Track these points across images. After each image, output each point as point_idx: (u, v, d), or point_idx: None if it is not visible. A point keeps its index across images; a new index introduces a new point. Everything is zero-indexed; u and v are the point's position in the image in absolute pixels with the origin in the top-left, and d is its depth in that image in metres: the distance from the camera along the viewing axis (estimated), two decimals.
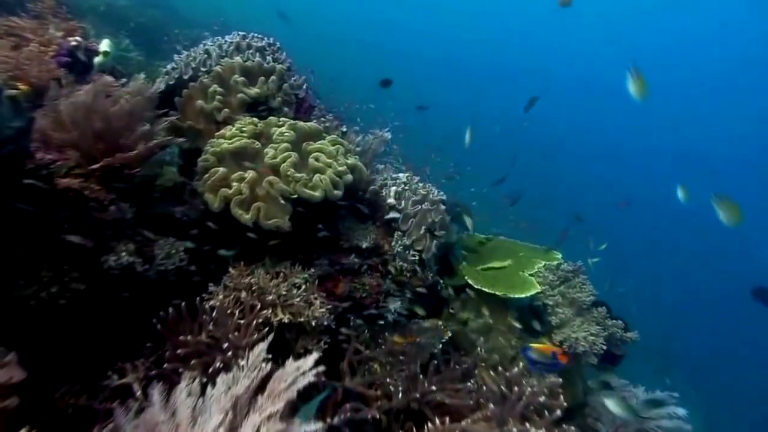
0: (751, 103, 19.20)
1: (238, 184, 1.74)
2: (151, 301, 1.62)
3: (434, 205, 2.42)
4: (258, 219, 1.73)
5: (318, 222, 2.02)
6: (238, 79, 2.14)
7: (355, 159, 2.07)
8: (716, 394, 7.32)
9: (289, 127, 2.01)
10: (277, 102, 2.28)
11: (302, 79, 2.55)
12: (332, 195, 1.84)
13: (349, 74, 5.12)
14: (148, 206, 1.84)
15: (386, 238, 2.27)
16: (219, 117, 2.10)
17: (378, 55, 19.93)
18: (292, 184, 1.78)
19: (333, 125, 2.63)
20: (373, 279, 2.22)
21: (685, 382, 6.49)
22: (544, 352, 1.96)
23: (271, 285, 1.66)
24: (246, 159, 1.89)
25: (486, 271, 2.72)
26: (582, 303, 2.43)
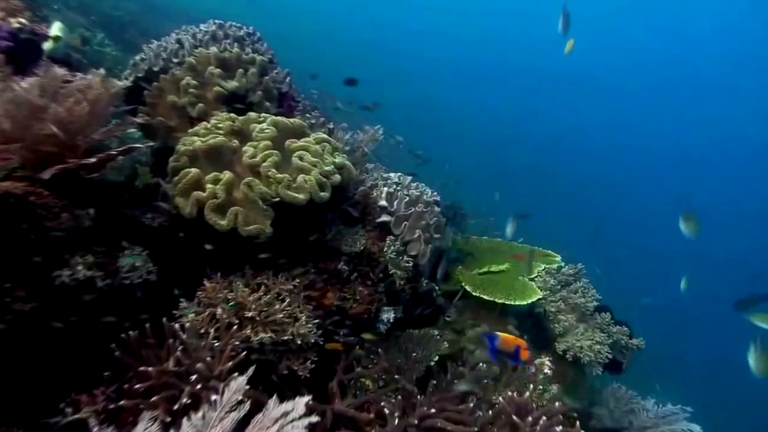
0: (750, 102, 19.35)
1: (212, 187, 1.56)
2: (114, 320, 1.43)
3: (428, 207, 2.27)
4: (236, 225, 1.55)
5: (303, 227, 1.85)
6: (214, 71, 1.95)
7: (343, 158, 1.90)
8: (712, 399, 7.32)
9: (271, 123, 1.83)
10: (257, 96, 2.10)
11: (285, 72, 2.38)
12: (318, 197, 1.67)
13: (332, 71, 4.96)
14: (113, 212, 1.66)
15: (378, 242, 2.10)
16: (193, 112, 1.91)
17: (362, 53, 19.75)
18: (273, 186, 1.61)
19: (319, 122, 2.46)
20: (364, 288, 2.06)
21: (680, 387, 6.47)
22: (509, 342, 1.76)
23: (251, 299, 1.49)
24: (222, 159, 1.71)
25: (483, 276, 2.57)
26: (585, 309, 2.30)
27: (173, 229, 1.69)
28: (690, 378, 7.16)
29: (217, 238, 1.62)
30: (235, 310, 1.47)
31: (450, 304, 2.54)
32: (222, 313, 1.42)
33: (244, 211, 1.57)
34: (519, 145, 18.17)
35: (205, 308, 1.47)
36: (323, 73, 4.92)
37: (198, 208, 1.54)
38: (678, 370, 8.16)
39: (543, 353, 2.30)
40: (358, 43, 20.94)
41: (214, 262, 1.69)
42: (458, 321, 2.45)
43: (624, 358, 2.31)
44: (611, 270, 3.36)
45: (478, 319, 2.43)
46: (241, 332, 1.40)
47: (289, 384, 1.60)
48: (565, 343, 2.19)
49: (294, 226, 1.82)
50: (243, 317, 1.45)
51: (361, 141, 2.39)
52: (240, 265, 1.71)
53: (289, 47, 4.87)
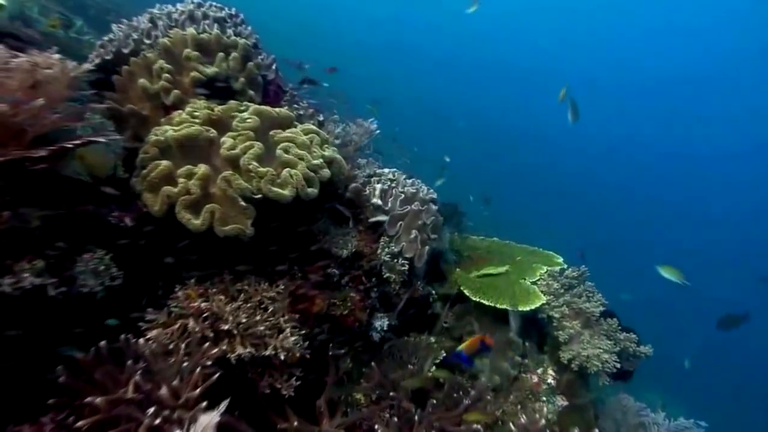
0: (750, 99, 19.40)
1: (185, 181, 1.38)
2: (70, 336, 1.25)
3: (425, 205, 2.11)
4: (212, 225, 1.38)
5: (289, 227, 1.67)
6: (191, 54, 1.76)
7: (333, 151, 1.73)
8: (706, 399, 7.30)
9: (253, 112, 1.66)
10: (239, 83, 1.91)
11: (271, 58, 2.19)
12: (305, 194, 1.50)
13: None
14: (75, 210, 1.47)
15: (371, 244, 1.94)
16: (167, 100, 1.72)
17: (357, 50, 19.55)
18: (254, 181, 1.43)
19: (308, 113, 2.28)
20: (356, 293, 1.89)
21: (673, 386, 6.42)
22: (473, 346, 1.85)
23: (229, 309, 1.31)
24: (198, 151, 1.53)
25: (482, 279, 2.42)
26: (591, 314, 2.16)
27: (142, 229, 1.51)
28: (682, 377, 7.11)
29: (192, 240, 1.44)
30: (211, 322, 1.30)
31: (447, 309, 2.39)
32: (194, 325, 1.25)
33: (221, 209, 1.40)
34: (519, 144, 18.18)
35: (176, 320, 1.29)
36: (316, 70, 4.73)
37: (168, 205, 1.36)
38: (666, 369, 8.13)
39: (546, 362, 2.16)
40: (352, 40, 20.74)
41: (188, 267, 1.51)
42: (456, 327, 2.30)
43: (631, 366, 2.18)
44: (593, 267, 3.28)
45: (478, 325, 2.27)
46: (216, 348, 1.23)
47: (272, 404, 1.43)
48: (570, 352, 2.05)
49: (278, 226, 1.65)
50: (219, 330, 1.28)
51: (354, 134, 2.22)
52: (218, 269, 1.54)
53: (283, 42, 4.67)
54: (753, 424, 8.68)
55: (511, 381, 2.09)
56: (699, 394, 7.16)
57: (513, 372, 2.09)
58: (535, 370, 2.12)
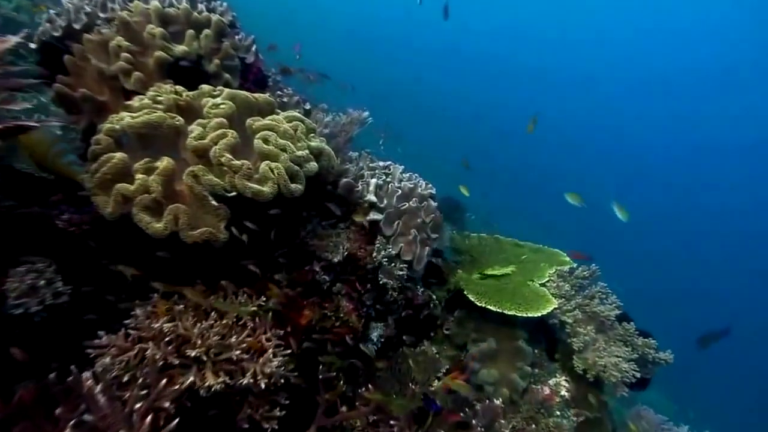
0: (740, 101, 19.47)
1: (144, 177, 1.15)
2: None
3: (424, 202, 1.91)
4: (177, 229, 1.16)
5: (270, 229, 1.46)
6: (155, 31, 1.53)
7: (321, 142, 1.51)
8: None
9: (227, 96, 1.43)
10: (213, 66, 1.69)
11: (250, 39, 1.96)
12: (289, 190, 1.28)
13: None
14: (15, 212, 1.24)
15: (365, 246, 1.73)
16: (128, 83, 1.49)
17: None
18: (228, 177, 1.21)
19: (293, 101, 2.06)
20: (349, 301, 1.69)
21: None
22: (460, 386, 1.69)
23: (197, 330, 1.09)
24: (161, 141, 1.30)
25: (486, 280, 2.23)
26: (605, 318, 1.98)
27: (94, 235, 1.29)
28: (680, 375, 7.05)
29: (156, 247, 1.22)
30: (176, 345, 1.08)
31: (449, 314, 2.19)
32: (155, 351, 1.03)
33: (188, 210, 1.17)
34: (514, 140, 18.09)
35: (134, 344, 1.07)
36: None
37: (123, 206, 1.14)
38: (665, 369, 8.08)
39: (558, 372, 1.97)
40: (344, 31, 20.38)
41: (152, 278, 1.29)
42: (459, 334, 2.10)
43: (648, 373, 2.01)
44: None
45: (482, 332, 2.08)
46: (180, 382, 1.01)
47: None
48: (585, 361, 1.86)
49: (258, 228, 1.43)
50: (185, 355, 1.06)
51: (344, 124, 2.00)
52: (187, 280, 1.32)
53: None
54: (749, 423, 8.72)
55: (521, 393, 1.90)
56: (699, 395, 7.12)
57: (523, 384, 1.90)
58: (547, 380, 1.94)
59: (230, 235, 1.26)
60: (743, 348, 12.63)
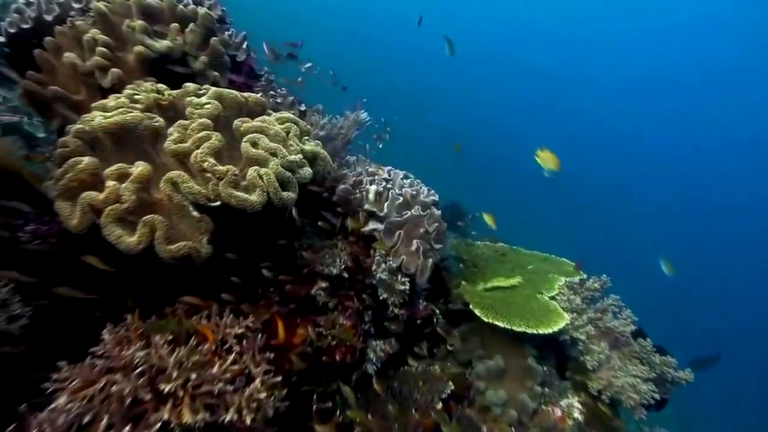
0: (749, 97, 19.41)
1: (115, 185, 1.02)
2: None
3: (427, 210, 1.78)
4: (153, 243, 1.02)
5: (260, 241, 1.33)
6: (135, 24, 1.40)
7: (316, 145, 1.38)
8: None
9: (213, 95, 1.30)
10: (200, 63, 1.56)
11: (241, 35, 1.84)
12: (279, 198, 1.15)
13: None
14: None
15: (364, 258, 1.60)
16: (105, 81, 1.36)
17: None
18: (211, 184, 1.08)
19: (287, 101, 1.94)
20: (347, 318, 1.56)
21: None
22: None
23: (173, 359, 0.96)
24: (138, 145, 1.17)
25: (492, 293, 2.10)
26: (620, 334, 1.86)
27: (64, 249, 1.15)
28: None
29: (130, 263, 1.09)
30: (150, 377, 0.94)
31: (452, 328, 2.06)
32: (123, 385, 0.89)
33: (165, 222, 1.04)
34: (517, 144, 18.08)
35: (100, 376, 0.93)
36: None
37: (92, 217, 1.00)
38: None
39: (570, 392, 1.84)
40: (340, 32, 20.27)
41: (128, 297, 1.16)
42: (463, 350, 1.97)
43: (665, 392, 1.88)
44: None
45: (488, 348, 1.96)
46: (153, 419, 0.87)
47: None
48: (600, 381, 1.74)
49: (246, 241, 1.30)
50: (158, 390, 0.92)
51: (341, 127, 1.88)
52: (165, 300, 1.18)
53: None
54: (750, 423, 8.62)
55: (531, 415, 1.77)
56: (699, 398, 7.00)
57: (533, 405, 1.77)
58: (558, 401, 1.81)
59: (215, 249, 1.13)
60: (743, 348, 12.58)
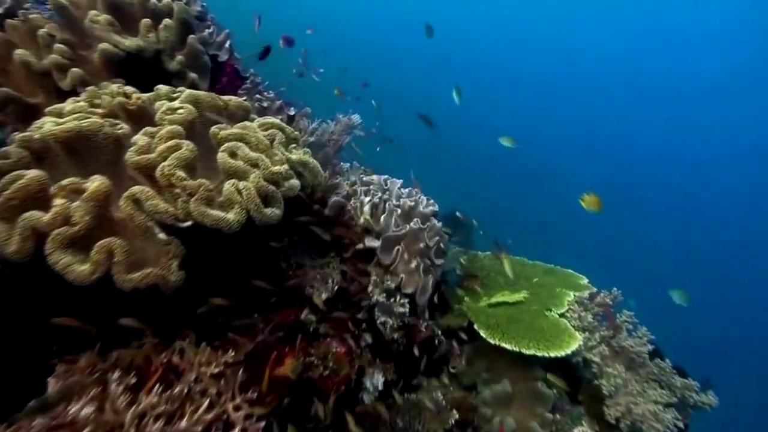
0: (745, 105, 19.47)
1: (64, 203, 0.86)
2: None
3: (427, 222, 1.63)
4: (110, 272, 0.86)
5: (241, 263, 1.18)
6: (100, 18, 1.25)
7: (305, 153, 1.23)
8: None
9: (188, 99, 1.15)
10: (176, 63, 1.40)
11: (224, 33, 1.69)
12: (262, 216, 1.00)
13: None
14: None
15: (359, 278, 1.45)
16: (64, 83, 1.20)
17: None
18: (180, 201, 0.93)
19: (274, 105, 1.79)
20: (341, 344, 1.40)
21: None
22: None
23: (130, 416, 0.80)
24: (98, 156, 1.02)
25: (496, 309, 1.96)
26: (636, 354, 1.72)
27: (14, 278, 0.99)
28: None
29: (86, 293, 0.93)
30: None
31: (454, 348, 1.92)
32: None
33: (126, 246, 0.88)
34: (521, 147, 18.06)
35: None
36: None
37: (34, 242, 0.84)
38: None
39: (585, 419, 1.70)
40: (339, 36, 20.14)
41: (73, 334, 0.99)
42: (467, 373, 1.83)
43: (686, 417, 1.74)
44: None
45: (494, 370, 1.81)
46: None
47: None
48: (617, 408, 1.59)
49: (225, 264, 1.15)
50: None
51: (333, 132, 1.73)
52: (127, 335, 1.02)
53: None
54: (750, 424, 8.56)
55: None
56: None
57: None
58: (571, 429, 1.66)
59: (188, 274, 0.97)
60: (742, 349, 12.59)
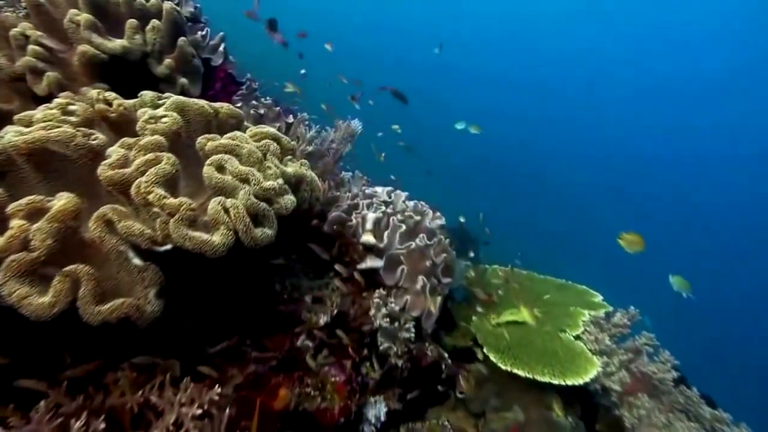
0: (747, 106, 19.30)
1: (22, 225, 0.75)
2: None
3: (433, 238, 1.52)
4: (76, 305, 0.75)
5: (229, 286, 1.06)
6: (80, 18, 1.15)
7: (301, 166, 1.13)
8: None
9: (174, 106, 1.04)
10: (164, 67, 1.30)
11: (218, 36, 1.59)
12: (251, 238, 0.89)
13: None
14: None
15: (360, 300, 1.34)
16: (39, 87, 1.10)
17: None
18: (159, 222, 0.82)
19: (272, 113, 1.68)
20: (339, 371, 1.29)
21: None
22: None
23: None
24: (69, 170, 0.91)
25: (506, 329, 1.83)
26: (660, 381, 1.59)
27: None
28: None
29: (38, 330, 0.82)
30: None
31: (461, 370, 1.80)
32: None
33: (94, 273, 0.77)
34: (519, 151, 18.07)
35: None
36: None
37: None
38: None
39: None
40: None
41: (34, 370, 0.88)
42: (475, 399, 1.70)
43: None
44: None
45: (504, 396, 1.69)
46: None
47: None
48: None
49: (211, 288, 1.04)
50: None
51: (332, 140, 1.62)
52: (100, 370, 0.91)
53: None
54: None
55: None
56: None
57: None
58: None
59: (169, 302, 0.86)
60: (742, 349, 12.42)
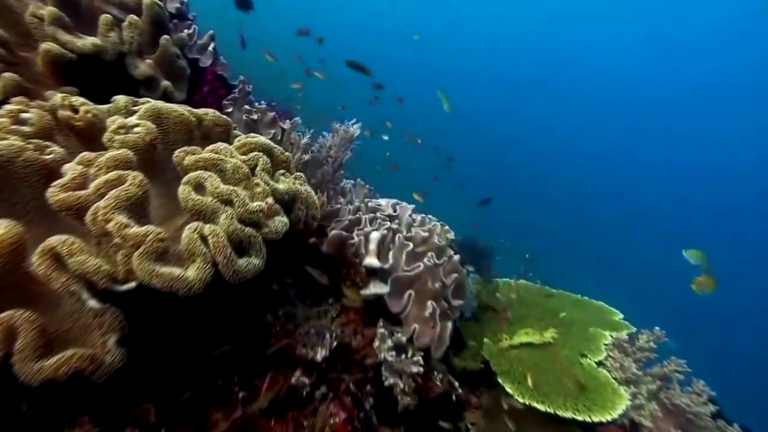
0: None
1: None
2: None
3: (443, 256, 1.38)
4: (12, 360, 0.61)
5: (211, 319, 0.92)
6: (44, 12, 1.01)
7: (293, 181, 0.98)
8: None
9: (148, 113, 0.90)
10: (143, 69, 1.16)
11: (207, 35, 1.45)
12: (234, 270, 0.75)
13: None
14: None
15: (363, 330, 1.19)
16: None
17: None
18: (120, 256, 0.68)
19: (266, 119, 1.54)
20: (340, 409, 1.14)
21: None
22: None
23: None
24: (16, 192, 0.77)
25: (521, 352, 1.69)
26: (695, 415, 1.44)
27: None
28: None
29: None
30: None
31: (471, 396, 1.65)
32: None
33: (37, 319, 0.63)
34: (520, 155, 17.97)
35: None
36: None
37: None
38: None
39: None
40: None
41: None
42: (488, 431, 1.56)
43: None
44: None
45: (520, 426, 1.54)
46: None
47: None
48: None
49: (189, 324, 0.90)
50: None
51: (330, 147, 1.47)
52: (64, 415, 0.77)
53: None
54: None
55: None
56: None
57: None
58: None
59: (136, 345, 0.72)
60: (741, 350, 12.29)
